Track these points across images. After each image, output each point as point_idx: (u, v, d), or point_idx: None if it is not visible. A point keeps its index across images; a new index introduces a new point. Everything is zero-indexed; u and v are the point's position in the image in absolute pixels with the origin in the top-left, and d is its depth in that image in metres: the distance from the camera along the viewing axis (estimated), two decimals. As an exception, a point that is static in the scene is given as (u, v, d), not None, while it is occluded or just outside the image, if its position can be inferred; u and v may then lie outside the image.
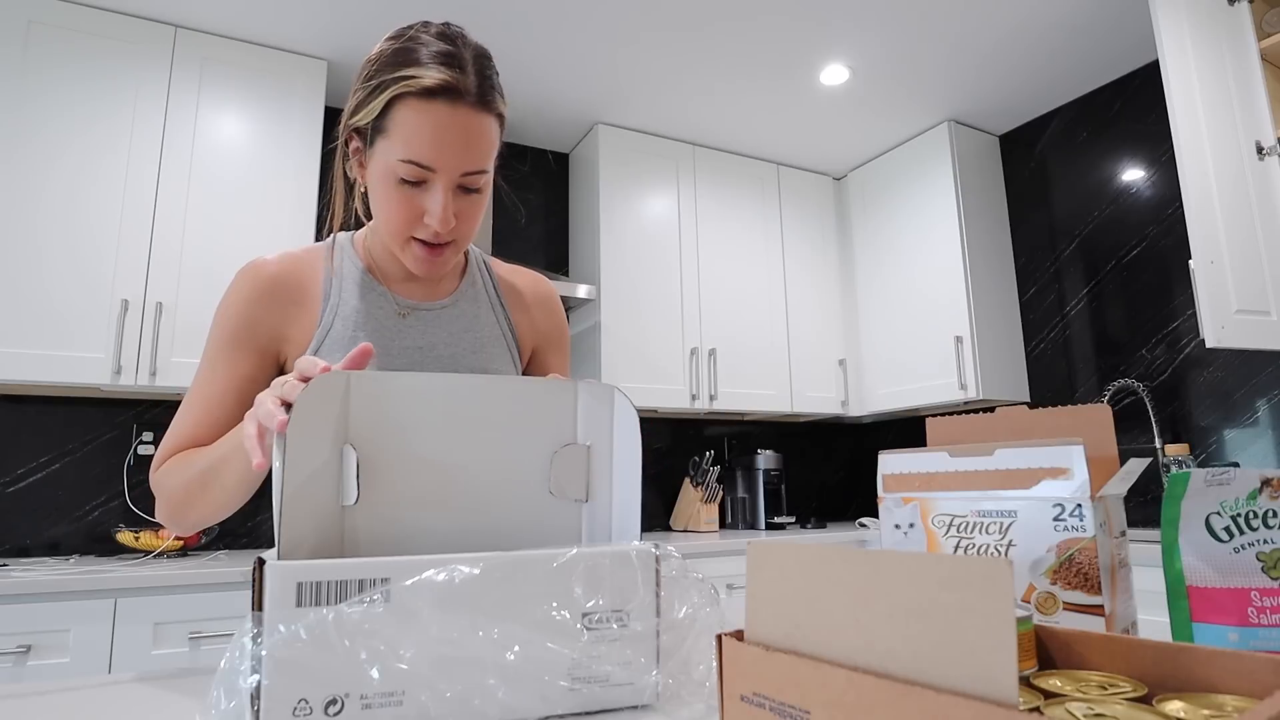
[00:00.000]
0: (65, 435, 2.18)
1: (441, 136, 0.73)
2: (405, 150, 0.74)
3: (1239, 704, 0.33)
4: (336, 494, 0.50)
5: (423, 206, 0.76)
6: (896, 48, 2.49)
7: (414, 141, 0.73)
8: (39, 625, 1.61)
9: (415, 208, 0.76)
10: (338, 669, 0.43)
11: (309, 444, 0.49)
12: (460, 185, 0.77)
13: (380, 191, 0.78)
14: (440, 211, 0.75)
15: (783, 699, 0.36)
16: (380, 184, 0.77)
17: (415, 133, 0.73)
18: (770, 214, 3.21)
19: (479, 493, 0.54)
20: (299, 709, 0.42)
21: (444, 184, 0.75)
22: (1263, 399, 2.23)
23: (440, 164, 0.74)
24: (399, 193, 0.76)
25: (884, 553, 0.34)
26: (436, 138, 0.73)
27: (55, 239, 1.98)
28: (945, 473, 0.59)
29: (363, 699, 0.43)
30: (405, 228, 0.77)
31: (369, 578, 0.44)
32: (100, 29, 2.12)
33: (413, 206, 0.76)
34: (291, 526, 0.47)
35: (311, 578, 0.43)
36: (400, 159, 0.74)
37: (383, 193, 0.77)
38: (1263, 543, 0.48)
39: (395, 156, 0.74)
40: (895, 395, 3.05)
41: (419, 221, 0.77)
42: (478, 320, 0.91)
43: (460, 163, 0.75)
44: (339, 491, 0.50)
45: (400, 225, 0.77)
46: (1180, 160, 1.81)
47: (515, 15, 2.28)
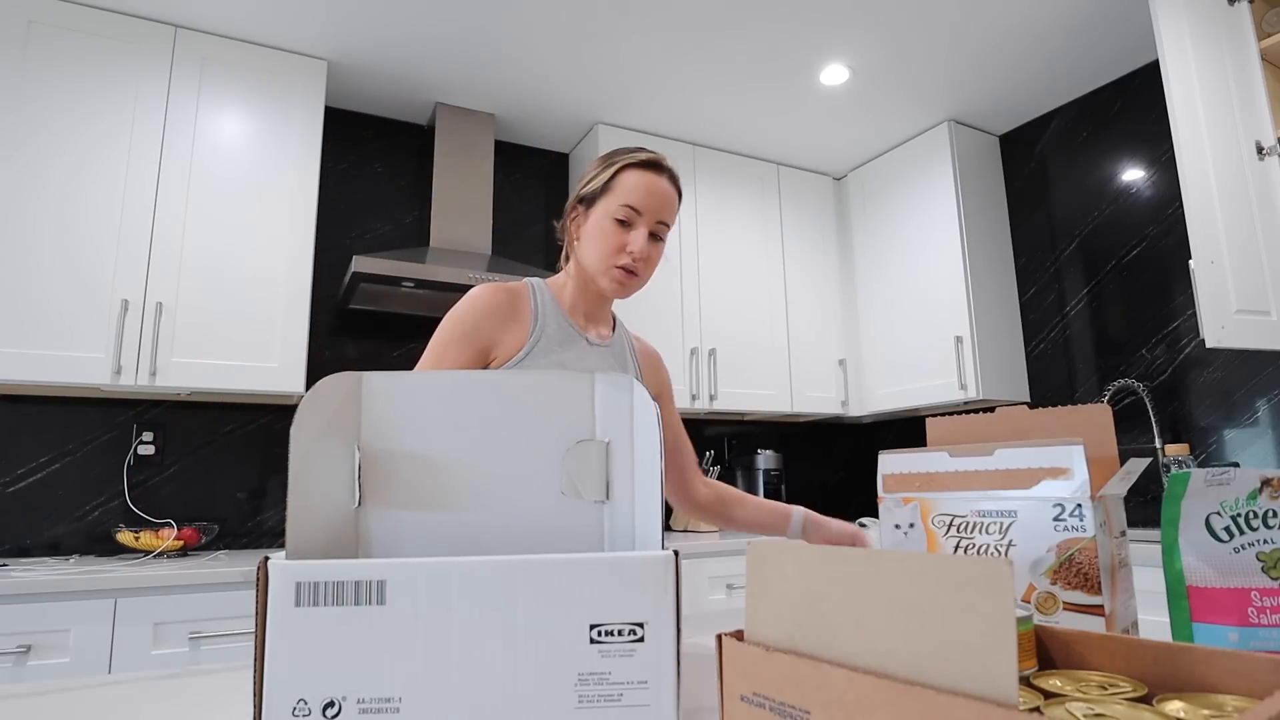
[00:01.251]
0: (65, 435, 2.19)
1: (651, 191, 1.07)
2: (625, 198, 1.07)
3: (1239, 704, 0.33)
4: (348, 494, 0.49)
5: (627, 240, 1.06)
6: (896, 48, 2.49)
7: (634, 193, 1.07)
8: (39, 625, 1.61)
9: (622, 240, 1.07)
10: (335, 671, 0.43)
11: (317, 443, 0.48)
12: (653, 232, 1.08)
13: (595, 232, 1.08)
14: (642, 242, 1.06)
15: (783, 699, 0.36)
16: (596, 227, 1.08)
17: (635, 187, 1.07)
18: (770, 214, 3.22)
19: (495, 493, 0.51)
20: (298, 709, 0.42)
21: (645, 226, 1.07)
22: (1263, 399, 2.23)
23: (647, 209, 1.07)
24: (612, 230, 1.06)
25: (884, 553, 0.34)
26: (649, 191, 1.07)
27: (55, 239, 1.98)
28: (945, 473, 0.59)
29: (359, 703, 0.43)
30: (612, 256, 1.07)
31: (367, 579, 0.44)
32: (100, 29, 2.12)
33: (620, 239, 1.07)
34: (298, 526, 0.47)
35: (311, 578, 0.43)
36: (621, 204, 1.06)
37: (598, 232, 1.08)
38: (1263, 543, 0.48)
39: (617, 203, 1.06)
40: (895, 395, 3.05)
41: (623, 252, 1.07)
42: (624, 360, 1.19)
43: (658, 213, 1.08)
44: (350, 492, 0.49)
45: (609, 253, 1.07)
46: (1180, 160, 1.81)
47: (515, 15, 2.28)
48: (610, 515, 0.52)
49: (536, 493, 0.52)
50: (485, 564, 0.45)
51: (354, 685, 0.43)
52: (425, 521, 0.50)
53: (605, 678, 0.44)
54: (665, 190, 1.09)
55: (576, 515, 0.52)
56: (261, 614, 0.43)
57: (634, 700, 0.45)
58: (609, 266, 1.07)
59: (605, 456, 0.52)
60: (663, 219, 1.09)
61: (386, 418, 0.50)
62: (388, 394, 0.50)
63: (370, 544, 0.49)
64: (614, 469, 0.52)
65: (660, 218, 1.09)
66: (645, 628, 0.45)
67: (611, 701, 0.44)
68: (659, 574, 0.46)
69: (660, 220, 1.09)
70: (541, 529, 0.51)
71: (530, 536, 0.51)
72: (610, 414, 0.53)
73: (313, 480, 0.48)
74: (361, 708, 0.43)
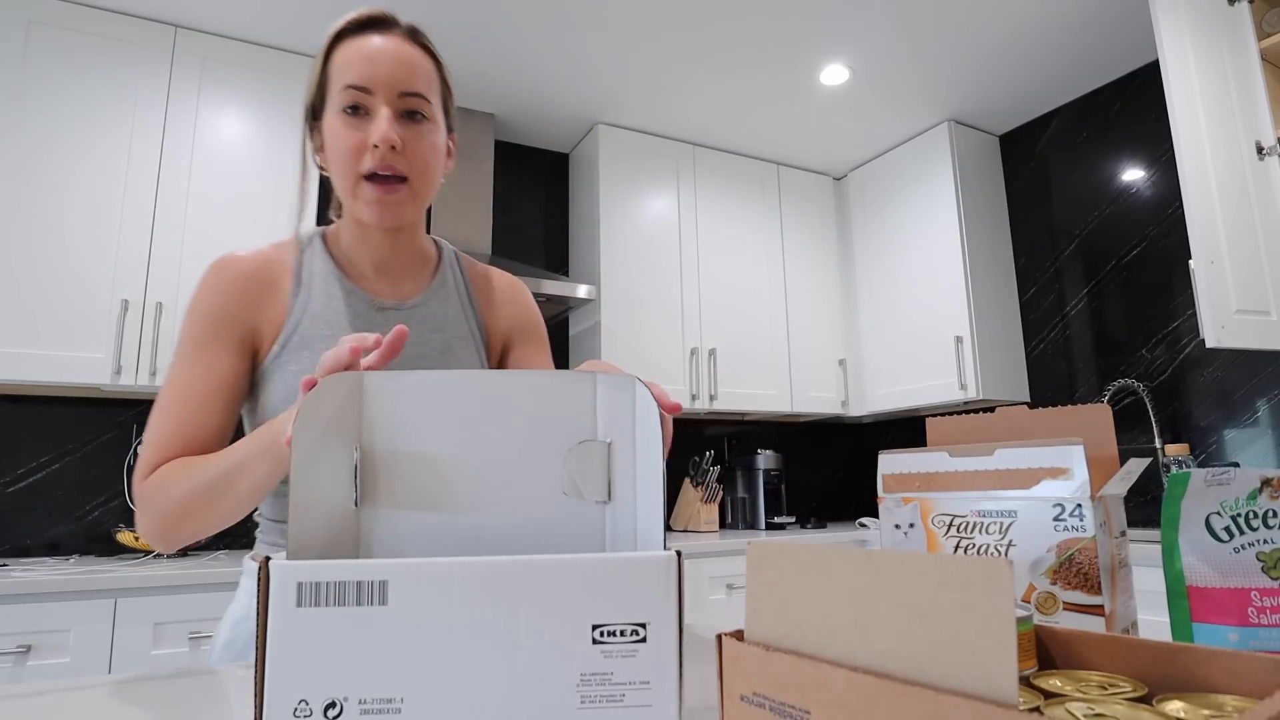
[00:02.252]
0: (65, 435, 2.19)
1: (375, 56, 0.78)
2: (342, 78, 0.78)
3: (1239, 704, 0.33)
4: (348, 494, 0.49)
5: (367, 135, 0.77)
6: (896, 48, 2.48)
7: (350, 68, 0.78)
8: (39, 625, 1.61)
9: (360, 138, 0.77)
10: (337, 672, 0.43)
11: (317, 443, 0.48)
12: (402, 110, 0.79)
13: (329, 141, 0.79)
14: (383, 127, 0.76)
15: (783, 699, 0.36)
16: (329, 134, 0.79)
17: (352, 60, 0.78)
18: (770, 214, 3.22)
19: (497, 494, 0.51)
20: (299, 709, 0.42)
21: (383, 104, 0.77)
22: (1263, 399, 2.23)
23: (376, 82, 0.77)
24: (343, 129, 0.77)
25: (884, 553, 0.34)
26: (369, 58, 0.78)
27: (55, 239, 1.98)
28: (945, 473, 0.59)
29: (361, 703, 0.43)
30: (353, 162, 0.77)
31: (370, 579, 0.44)
32: (100, 29, 2.12)
33: (357, 138, 0.77)
34: (300, 527, 0.47)
35: (313, 578, 0.43)
36: (339, 89, 0.78)
37: (330, 140, 0.79)
38: (1263, 543, 0.48)
39: (336, 91, 0.78)
40: (895, 395, 3.05)
41: (365, 150, 0.77)
42: (446, 320, 0.90)
43: (395, 80, 0.78)
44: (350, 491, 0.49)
45: (349, 162, 0.77)
46: (1180, 160, 1.81)
47: (516, 15, 2.28)
48: (612, 516, 0.52)
49: (538, 493, 0.51)
50: (487, 564, 0.45)
51: (355, 686, 0.43)
52: (426, 521, 0.50)
53: (608, 678, 0.44)
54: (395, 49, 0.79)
55: (578, 516, 0.51)
56: (263, 614, 0.43)
57: (636, 700, 0.45)
58: (355, 180, 0.78)
59: (607, 456, 0.51)
60: (408, 88, 0.78)
61: (387, 417, 0.50)
62: (389, 393, 0.50)
63: (371, 544, 0.49)
64: (616, 469, 0.51)
65: (402, 87, 0.78)
66: (647, 628, 0.45)
67: (614, 702, 0.44)
68: (661, 575, 0.45)
69: (406, 90, 0.78)
70: (543, 529, 0.51)
71: (532, 537, 0.51)
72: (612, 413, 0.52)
73: (314, 480, 0.48)
74: (363, 708, 0.43)
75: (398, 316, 0.87)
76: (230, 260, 0.82)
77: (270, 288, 0.83)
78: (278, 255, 0.85)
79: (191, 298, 0.81)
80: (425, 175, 0.81)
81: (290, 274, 0.84)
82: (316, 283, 0.85)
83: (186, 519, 0.70)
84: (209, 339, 0.79)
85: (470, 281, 0.96)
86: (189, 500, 0.70)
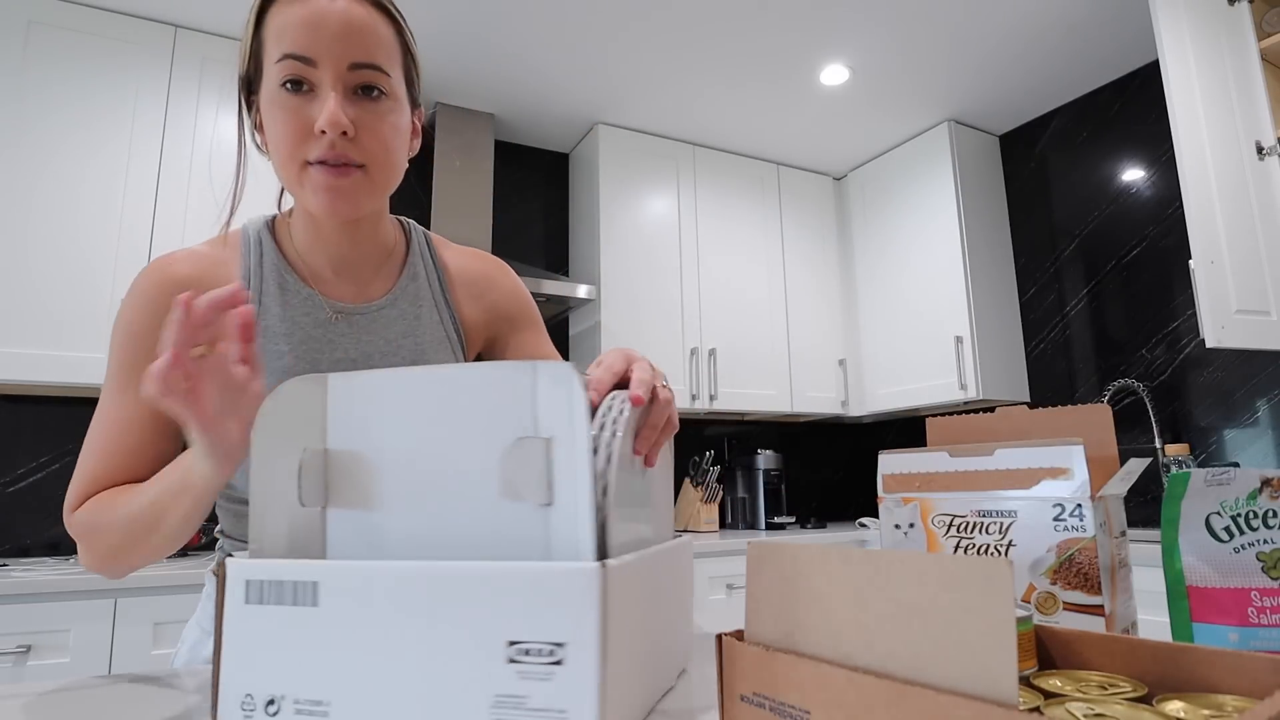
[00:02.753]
0: (65, 435, 2.18)
1: (317, 22, 0.64)
2: (279, 47, 0.64)
3: (1239, 704, 0.33)
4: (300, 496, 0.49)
5: (311, 116, 0.64)
6: (896, 48, 2.48)
7: (287, 34, 0.63)
8: (39, 625, 1.61)
9: (304, 119, 0.64)
10: (276, 669, 0.43)
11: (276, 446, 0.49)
12: (355, 85, 0.66)
13: (268, 122, 0.66)
14: (330, 109, 0.63)
15: (783, 699, 0.36)
16: (267, 113, 0.66)
17: (289, 25, 0.64)
18: (770, 214, 3.22)
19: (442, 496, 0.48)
20: (245, 703, 0.43)
21: (330, 78, 0.64)
22: (1263, 399, 2.23)
23: (319, 52, 0.63)
24: (283, 108, 0.64)
25: (884, 553, 0.34)
26: (311, 24, 0.63)
27: (55, 239, 1.98)
28: (945, 473, 0.59)
29: (296, 703, 0.43)
30: (296, 147, 0.65)
31: (301, 580, 0.44)
32: (100, 29, 2.12)
33: (301, 119, 0.64)
34: (260, 527, 0.48)
35: (258, 576, 0.45)
36: (276, 60, 0.64)
37: (269, 120, 0.66)
38: (1263, 543, 0.48)
39: (273, 63, 0.64)
40: (895, 395, 3.05)
41: (310, 135, 0.64)
42: (418, 322, 0.79)
43: (345, 50, 0.64)
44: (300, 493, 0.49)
45: (291, 147, 0.65)
46: (1180, 160, 1.81)
47: (515, 15, 2.28)
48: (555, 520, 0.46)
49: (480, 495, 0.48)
50: (409, 569, 0.43)
51: (291, 685, 0.43)
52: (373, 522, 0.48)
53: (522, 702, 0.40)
54: (343, 9, 0.65)
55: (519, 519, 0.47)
56: (219, 609, 0.45)
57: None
58: (300, 168, 0.66)
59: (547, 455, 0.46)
60: (361, 58, 0.65)
61: (345, 418, 0.50)
62: (348, 395, 0.50)
63: (328, 545, 0.49)
64: (557, 469, 0.46)
65: (354, 57, 0.65)
66: (565, 648, 0.40)
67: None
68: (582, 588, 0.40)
69: (358, 62, 0.65)
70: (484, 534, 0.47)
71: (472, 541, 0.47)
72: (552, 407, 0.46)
73: (270, 481, 0.48)
74: (297, 708, 0.43)
75: (362, 322, 0.76)
76: (163, 267, 0.71)
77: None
78: (219, 257, 0.73)
79: (120, 310, 0.70)
80: (385, 162, 0.68)
81: (235, 278, 0.72)
82: (268, 289, 0.73)
83: (123, 554, 0.64)
84: (137, 361, 0.67)
85: (443, 270, 0.84)
86: (121, 537, 0.63)
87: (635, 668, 0.45)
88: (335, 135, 0.63)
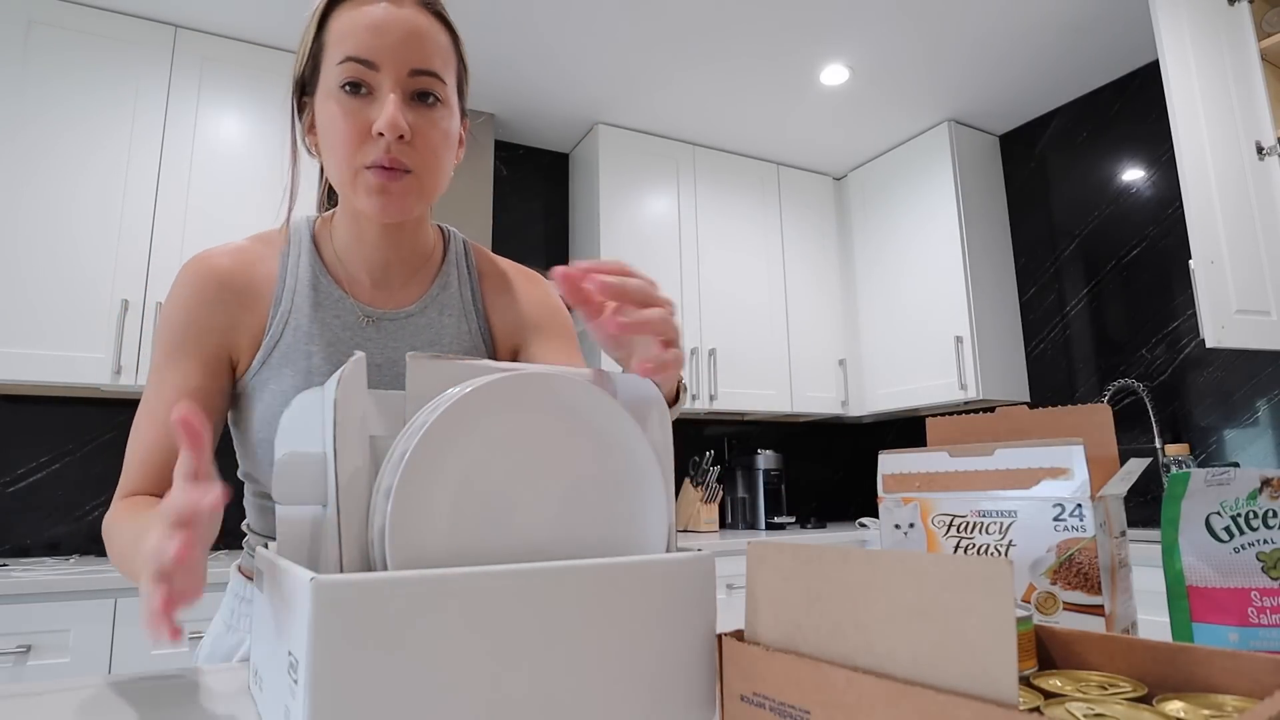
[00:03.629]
0: (65, 435, 2.18)
1: (381, 27, 0.66)
2: (342, 50, 0.66)
3: (1239, 704, 0.33)
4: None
5: (370, 119, 0.66)
6: (896, 48, 2.48)
7: (350, 38, 0.66)
8: (39, 625, 1.61)
9: (362, 122, 0.66)
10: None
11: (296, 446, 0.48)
12: (412, 91, 0.68)
13: (325, 122, 0.68)
14: (390, 112, 0.64)
15: (783, 699, 0.36)
16: (324, 114, 0.68)
17: (352, 28, 0.66)
18: (770, 214, 3.21)
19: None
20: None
21: (390, 84, 0.66)
22: (1263, 399, 2.23)
23: (383, 57, 0.66)
24: (342, 109, 0.66)
25: (884, 553, 0.34)
26: (375, 28, 0.66)
27: (55, 239, 1.98)
28: (945, 473, 0.59)
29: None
30: (353, 149, 0.66)
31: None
32: (100, 29, 2.12)
33: (359, 121, 0.66)
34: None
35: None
36: (338, 63, 0.66)
37: (326, 121, 0.68)
38: (1263, 543, 0.48)
39: (334, 63, 0.66)
40: (895, 395, 3.05)
41: (368, 138, 0.66)
42: (444, 331, 0.80)
43: (407, 56, 0.66)
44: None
45: (348, 149, 0.66)
46: (1180, 160, 1.81)
47: (515, 15, 2.28)
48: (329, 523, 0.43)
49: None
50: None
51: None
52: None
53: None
54: (406, 18, 0.67)
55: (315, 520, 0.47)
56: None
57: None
58: (355, 171, 0.67)
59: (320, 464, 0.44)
60: (421, 65, 0.67)
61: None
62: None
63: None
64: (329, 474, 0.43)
65: (414, 64, 0.67)
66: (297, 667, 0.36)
67: None
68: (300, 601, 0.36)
69: (418, 68, 0.67)
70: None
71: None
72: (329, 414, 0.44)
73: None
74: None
75: (391, 328, 0.77)
76: (204, 260, 0.73)
77: (249, 295, 0.73)
78: (260, 253, 0.76)
79: (165, 302, 0.74)
80: (435, 168, 0.70)
81: (272, 278, 0.75)
82: (301, 289, 0.75)
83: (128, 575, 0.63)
84: (180, 351, 0.71)
85: (480, 279, 0.85)
86: (118, 562, 0.64)
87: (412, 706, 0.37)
88: (393, 138, 0.65)
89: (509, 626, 0.39)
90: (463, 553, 0.42)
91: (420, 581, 0.37)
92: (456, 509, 0.42)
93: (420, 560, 0.40)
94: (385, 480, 0.41)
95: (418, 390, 0.46)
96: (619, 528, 0.47)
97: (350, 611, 0.35)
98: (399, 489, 0.40)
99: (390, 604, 0.36)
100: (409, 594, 0.37)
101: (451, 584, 0.38)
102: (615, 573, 0.42)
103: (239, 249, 0.76)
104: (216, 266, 0.73)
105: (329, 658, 0.35)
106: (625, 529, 0.47)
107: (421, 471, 0.41)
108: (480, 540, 0.42)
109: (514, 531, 0.43)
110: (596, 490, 0.46)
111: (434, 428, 0.41)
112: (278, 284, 0.75)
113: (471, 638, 0.38)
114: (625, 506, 0.47)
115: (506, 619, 0.39)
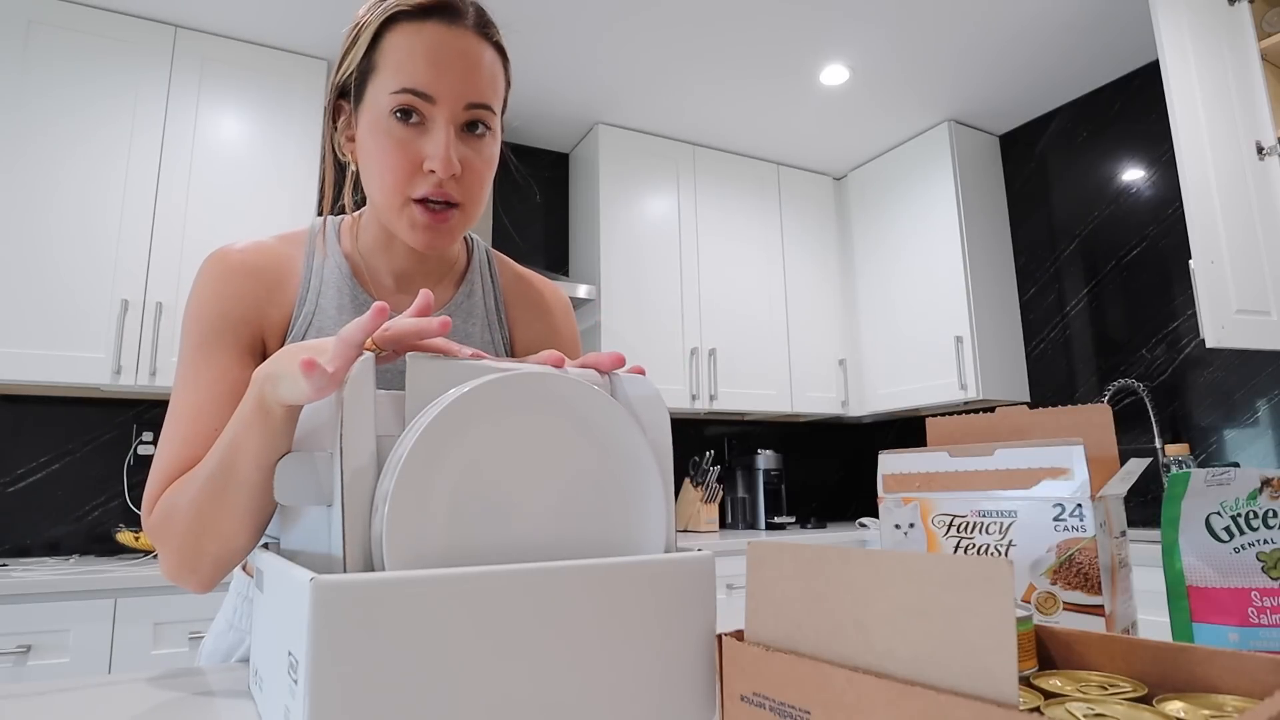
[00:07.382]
0: (65, 435, 2.18)
1: (440, 57, 0.64)
2: (398, 79, 0.64)
3: (1239, 704, 0.33)
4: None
5: (421, 151, 0.65)
6: (896, 48, 2.48)
7: (407, 66, 0.64)
8: (39, 625, 1.61)
9: (413, 154, 0.65)
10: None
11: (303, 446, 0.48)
12: (465, 123, 0.66)
13: (371, 145, 0.66)
14: (443, 150, 0.63)
15: (783, 699, 0.36)
16: (371, 136, 0.66)
17: (409, 55, 0.64)
18: (770, 214, 3.21)
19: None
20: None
21: (445, 117, 0.65)
22: (1263, 399, 2.23)
23: (440, 90, 0.64)
24: (392, 138, 0.65)
25: (884, 553, 0.34)
26: (434, 58, 0.64)
27: (55, 239, 1.98)
28: (945, 473, 0.59)
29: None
30: (402, 182, 0.65)
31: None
32: (100, 29, 2.12)
33: (409, 153, 0.65)
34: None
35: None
36: (393, 91, 0.64)
37: (374, 146, 0.66)
38: (1263, 543, 0.48)
39: (389, 90, 0.64)
40: (895, 395, 3.05)
41: (418, 171, 0.65)
42: (470, 338, 0.80)
43: (464, 90, 0.65)
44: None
45: (397, 180, 0.65)
46: (1180, 160, 1.80)
47: (515, 15, 2.28)
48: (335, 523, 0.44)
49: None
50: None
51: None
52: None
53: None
54: (466, 49, 0.66)
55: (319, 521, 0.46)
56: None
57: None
58: (403, 202, 0.66)
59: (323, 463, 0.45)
60: (476, 99, 0.66)
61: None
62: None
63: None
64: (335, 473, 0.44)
65: (470, 98, 0.66)
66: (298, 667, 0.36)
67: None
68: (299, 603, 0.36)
69: (473, 102, 0.66)
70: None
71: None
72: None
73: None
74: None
75: None
76: (225, 252, 0.72)
77: (275, 285, 0.72)
78: (283, 249, 0.75)
79: (189, 298, 0.71)
80: (479, 198, 0.69)
81: (297, 277, 0.74)
82: (327, 289, 0.74)
83: (203, 534, 0.57)
84: (212, 342, 0.69)
85: (502, 289, 0.85)
86: (197, 509, 0.57)
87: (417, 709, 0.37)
88: (445, 176, 0.65)
89: (508, 627, 0.39)
90: (462, 553, 0.42)
91: (420, 582, 0.37)
92: (456, 509, 0.42)
93: (419, 560, 0.40)
94: (385, 481, 0.42)
95: (418, 390, 0.46)
96: (618, 527, 0.47)
97: (350, 612, 0.35)
98: (397, 489, 0.40)
99: (389, 604, 0.36)
100: (408, 594, 0.37)
101: (451, 584, 0.38)
102: (615, 573, 0.42)
103: (264, 245, 0.75)
104: (245, 259, 0.72)
105: (329, 658, 0.35)
106: (625, 529, 0.47)
107: (420, 472, 0.41)
108: (479, 540, 0.42)
109: (513, 531, 0.43)
110: (596, 490, 0.46)
111: (432, 428, 0.41)
112: (302, 283, 0.74)
113: (471, 638, 0.38)
114: (625, 506, 0.47)
115: (506, 619, 0.39)
